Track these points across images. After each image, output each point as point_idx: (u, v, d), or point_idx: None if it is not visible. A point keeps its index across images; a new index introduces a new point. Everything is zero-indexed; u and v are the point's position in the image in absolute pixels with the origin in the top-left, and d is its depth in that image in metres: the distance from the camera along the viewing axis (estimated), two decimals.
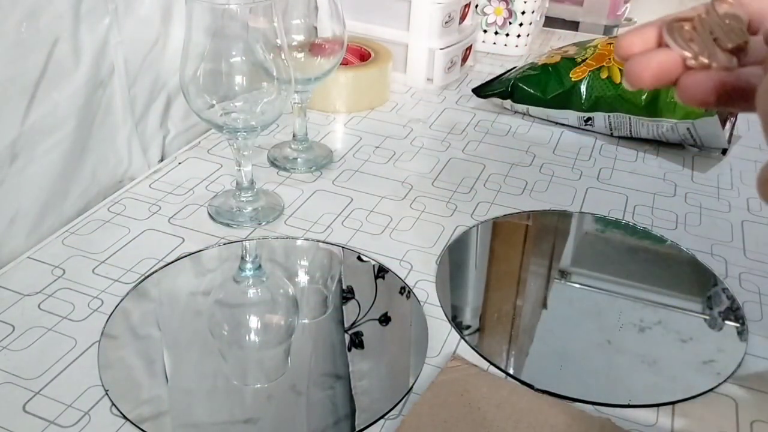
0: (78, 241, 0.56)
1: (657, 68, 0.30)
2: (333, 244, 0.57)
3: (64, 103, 0.57)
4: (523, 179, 0.69)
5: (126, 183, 0.65)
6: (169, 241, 0.57)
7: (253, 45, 0.53)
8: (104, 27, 0.59)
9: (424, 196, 0.65)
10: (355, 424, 0.41)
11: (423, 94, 0.88)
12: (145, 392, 0.43)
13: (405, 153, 0.73)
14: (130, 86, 0.64)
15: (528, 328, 0.50)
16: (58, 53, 0.55)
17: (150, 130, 0.68)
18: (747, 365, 0.47)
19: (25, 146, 0.54)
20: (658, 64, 0.30)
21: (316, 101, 0.80)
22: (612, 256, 0.59)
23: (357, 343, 0.48)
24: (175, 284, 0.53)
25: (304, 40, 0.65)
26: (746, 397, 0.44)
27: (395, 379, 0.45)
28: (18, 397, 0.42)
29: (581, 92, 0.76)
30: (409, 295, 0.52)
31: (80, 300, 0.50)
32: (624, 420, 0.42)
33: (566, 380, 0.45)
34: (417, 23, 0.86)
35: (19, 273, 0.52)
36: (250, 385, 0.45)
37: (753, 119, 0.84)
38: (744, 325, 0.51)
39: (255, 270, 0.55)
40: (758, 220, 0.64)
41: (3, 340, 0.46)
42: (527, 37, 1.01)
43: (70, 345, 0.46)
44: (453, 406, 0.42)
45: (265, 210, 0.61)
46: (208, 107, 0.54)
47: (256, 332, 0.50)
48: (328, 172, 0.68)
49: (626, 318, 0.51)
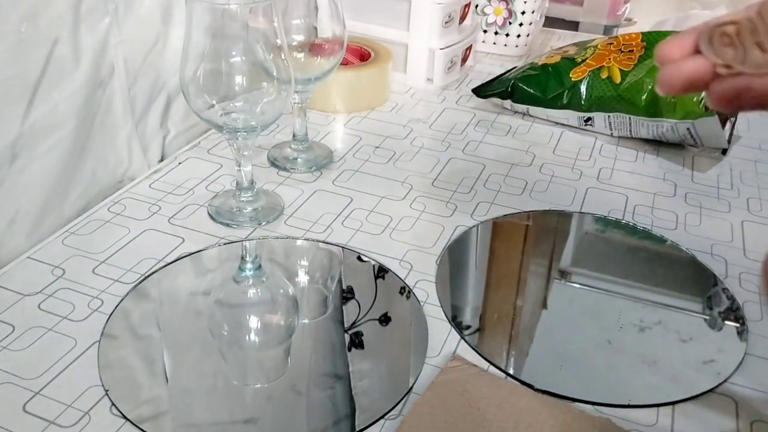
0: (78, 241, 0.56)
1: (688, 76, 0.29)
2: (333, 244, 0.57)
3: (64, 103, 0.57)
4: (523, 179, 0.69)
5: (126, 183, 0.65)
6: (169, 241, 0.57)
7: (253, 45, 0.53)
8: (104, 27, 0.59)
9: (424, 196, 0.65)
10: (355, 424, 0.41)
11: (423, 94, 0.88)
12: (145, 392, 0.43)
13: (405, 153, 0.73)
14: (130, 86, 0.64)
15: (528, 328, 0.50)
16: (58, 53, 0.55)
17: (150, 130, 0.68)
18: (747, 365, 0.47)
19: (25, 146, 0.54)
20: (689, 72, 0.29)
21: (316, 101, 0.80)
22: (612, 256, 0.59)
23: (357, 343, 0.48)
24: (175, 284, 0.53)
25: (304, 40, 0.65)
26: (746, 397, 0.44)
27: (395, 379, 0.45)
28: (18, 397, 0.42)
29: (581, 92, 0.76)
30: (409, 295, 0.52)
31: (80, 300, 0.50)
32: (624, 420, 0.42)
33: (566, 380, 0.45)
34: (417, 23, 0.86)
35: (19, 273, 0.52)
36: (250, 385, 0.45)
37: (753, 119, 0.84)
38: (744, 325, 0.51)
39: (255, 270, 0.55)
40: (758, 220, 0.64)
41: (3, 340, 0.46)
42: (527, 37, 1.01)
43: (70, 345, 0.46)
44: (453, 406, 0.42)
45: (265, 210, 0.61)
46: (208, 107, 0.54)
47: (256, 332, 0.50)
48: (328, 172, 0.68)
49: (626, 318, 0.51)
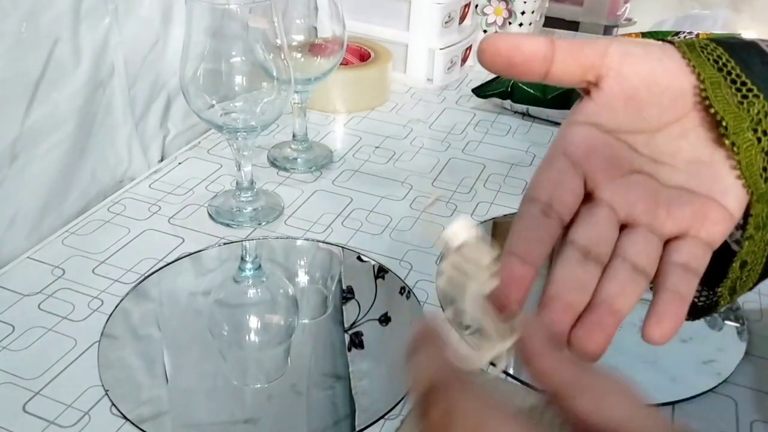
0: (78, 241, 0.56)
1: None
2: (333, 244, 0.57)
3: (64, 103, 0.57)
4: (523, 179, 0.69)
5: (126, 183, 0.65)
6: (169, 241, 0.57)
7: (253, 45, 0.53)
8: (104, 27, 0.59)
9: (424, 196, 0.65)
10: (355, 424, 0.41)
11: (423, 94, 0.87)
12: (145, 392, 0.43)
13: (405, 153, 0.73)
14: (130, 86, 0.64)
15: None
16: (58, 53, 0.55)
17: (150, 130, 0.68)
18: (747, 365, 0.47)
19: (25, 146, 0.54)
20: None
21: (316, 101, 0.80)
22: None
23: (357, 343, 0.48)
24: (175, 284, 0.53)
25: (304, 40, 0.65)
26: (746, 397, 0.44)
27: (395, 379, 0.45)
28: (18, 397, 0.42)
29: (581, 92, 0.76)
30: (409, 295, 0.52)
31: (80, 300, 0.50)
32: None
33: None
34: (417, 23, 0.85)
35: (19, 273, 0.52)
36: (250, 385, 0.45)
37: None
38: (744, 325, 0.51)
39: (255, 270, 0.55)
40: None
41: (3, 340, 0.46)
42: None
43: (70, 345, 0.46)
44: None
45: (265, 210, 0.61)
46: (208, 107, 0.54)
47: (256, 332, 0.50)
48: (328, 172, 0.68)
49: (626, 318, 0.51)
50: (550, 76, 0.30)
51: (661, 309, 0.29)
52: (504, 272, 0.27)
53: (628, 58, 0.29)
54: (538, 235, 0.28)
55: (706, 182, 0.29)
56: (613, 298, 0.28)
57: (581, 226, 0.29)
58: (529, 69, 0.29)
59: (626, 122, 0.29)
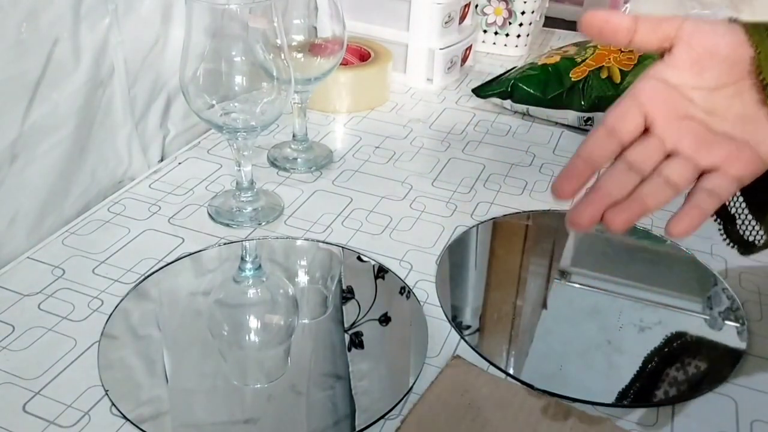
0: (78, 241, 0.56)
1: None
2: (333, 244, 0.57)
3: (64, 103, 0.57)
4: (523, 179, 0.69)
5: (126, 183, 0.65)
6: (169, 241, 0.57)
7: (253, 45, 0.53)
8: (104, 27, 0.59)
9: (424, 196, 0.65)
10: (355, 424, 0.41)
11: (423, 94, 0.87)
12: (145, 392, 0.43)
13: (405, 153, 0.73)
14: (130, 86, 0.64)
15: (528, 328, 0.50)
16: (58, 53, 0.55)
17: (150, 130, 0.68)
18: (747, 365, 0.47)
19: (25, 146, 0.54)
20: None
21: (316, 101, 0.80)
22: (612, 256, 0.59)
23: (357, 343, 0.48)
24: (175, 284, 0.53)
25: (304, 40, 0.65)
26: (746, 397, 0.44)
27: (395, 379, 0.45)
28: (18, 397, 0.42)
29: (581, 92, 0.76)
30: (409, 295, 0.52)
31: (80, 300, 0.50)
32: (624, 420, 0.42)
33: (566, 380, 0.45)
34: (417, 23, 0.86)
35: (19, 273, 0.52)
36: (250, 385, 0.45)
37: None
38: (744, 325, 0.51)
39: (255, 270, 0.55)
40: None
41: (3, 340, 0.46)
42: (527, 37, 1.01)
43: (70, 345, 0.46)
44: (453, 406, 0.42)
45: (265, 210, 0.61)
46: (208, 107, 0.54)
47: (256, 332, 0.50)
48: (328, 172, 0.68)
49: (626, 318, 0.51)
50: (633, 43, 0.37)
51: (683, 213, 0.36)
52: (568, 167, 0.36)
53: (697, 33, 0.37)
54: (600, 147, 0.37)
55: (748, 132, 0.36)
56: (643, 197, 0.36)
57: (633, 148, 0.37)
58: (616, 37, 0.37)
59: (689, 80, 0.37)
